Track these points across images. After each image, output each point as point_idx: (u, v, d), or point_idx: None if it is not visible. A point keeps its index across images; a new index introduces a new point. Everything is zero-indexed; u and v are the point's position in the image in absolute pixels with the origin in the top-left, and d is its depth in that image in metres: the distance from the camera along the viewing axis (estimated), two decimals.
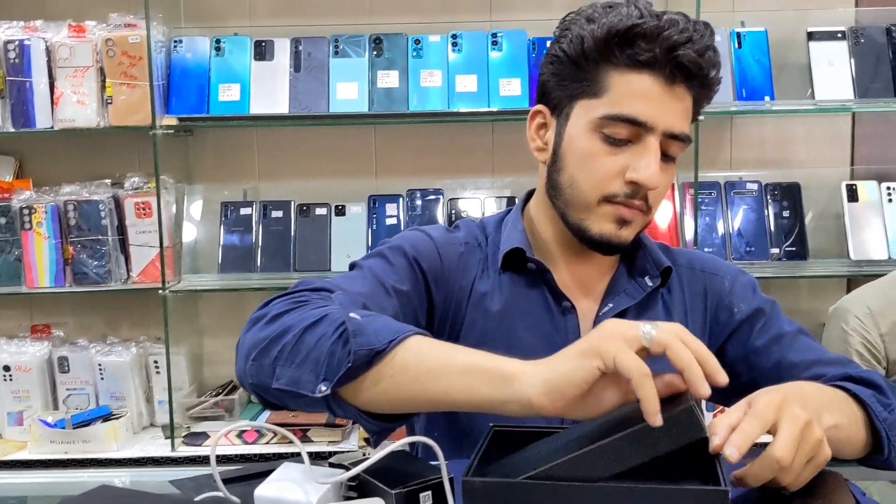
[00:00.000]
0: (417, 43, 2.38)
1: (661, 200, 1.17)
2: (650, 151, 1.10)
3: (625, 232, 1.15)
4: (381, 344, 0.91)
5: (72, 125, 2.31)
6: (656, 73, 1.09)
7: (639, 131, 1.11)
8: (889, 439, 1.06)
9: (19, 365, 2.37)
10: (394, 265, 1.16)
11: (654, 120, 1.10)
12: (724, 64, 2.34)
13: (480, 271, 1.23)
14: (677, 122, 1.11)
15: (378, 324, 0.94)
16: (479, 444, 0.94)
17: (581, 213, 1.15)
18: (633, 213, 1.14)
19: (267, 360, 0.95)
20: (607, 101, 1.11)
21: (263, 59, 2.38)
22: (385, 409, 0.95)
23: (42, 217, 2.35)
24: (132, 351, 2.42)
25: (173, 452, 2.27)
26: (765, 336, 1.23)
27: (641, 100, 1.10)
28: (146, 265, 2.37)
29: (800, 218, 2.43)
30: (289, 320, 0.97)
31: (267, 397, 0.99)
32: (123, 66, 2.28)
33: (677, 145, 1.13)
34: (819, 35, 2.41)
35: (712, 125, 2.48)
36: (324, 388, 0.91)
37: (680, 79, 1.10)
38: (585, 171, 1.13)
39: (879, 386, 1.10)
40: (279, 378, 0.94)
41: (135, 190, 2.39)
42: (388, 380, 0.91)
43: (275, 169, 2.58)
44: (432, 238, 1.22)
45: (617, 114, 1.10)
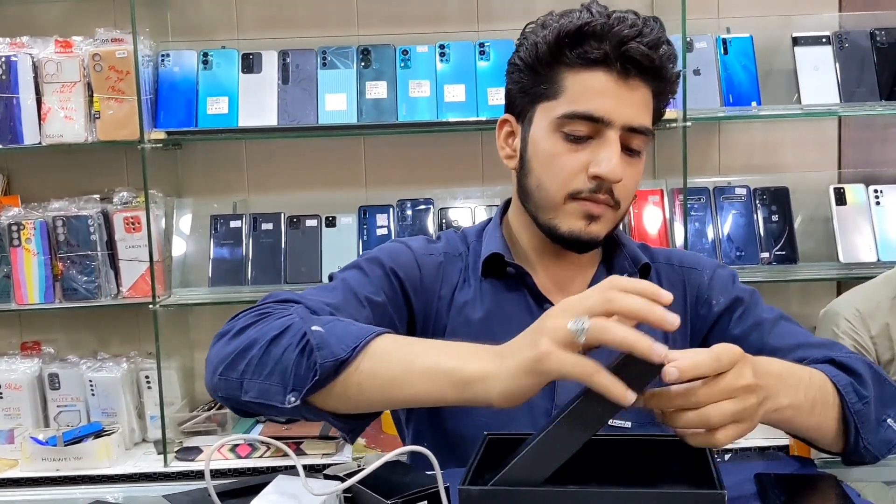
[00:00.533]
0: (405, 54, 2.38)
1: (630, 195, 1.19)
2: (610, 145, 1.12)
3: (594, 227, 1.16)
4: (345, 353, 0.93)
5: (60, 140, 2.30)
6: (609, 69, 1.12)
7: (597, 127, 1.13)
8: (858, 430, 1.04)
9: (9, 382, 2.35)
10: (370, 276, 1.18)
11: (611, 114, 1.12)
12: (710, 70, 2.39)
13: (462, 280, 1.25)
14: (635, 116, 1.13)
15: (339, 330, 0.97)
16: (475, 453, 0.94)
17: (550, 213, 1.18)
18: (600, 209, 1.15)
19: (234, 374, 0.98)
20: (564, 101, 1.14)
21: (251, 71, 2.38)
22: (354, 411, 0.99)
23: (31, 233, 2.34)
24: (123, 366, 2.40)
25: (166, 468, 2.26)
26: (743, 324, 1.23)
27: (597, 96, 1.12)
28: (136, 280, 2.36)
29: (789, 222, 2.44)
30: (253, 333, 0.99)
31: (238, 407, 1.02)
32: (111, 81, 2.27)
33: (639, 139, 1.15)
34: (804, 40, 2.42)
35: (700, 131, 2.49)
36: (293, 399, 0.94)
37: (634, 73, 1.13)
38: (550, 171, 1.16)
39: (859, 374, 1.08)
40: (248, 391, 0.97)
41: (124, 205, 2.38)
42: (355, 387, 0.94)
43: (264, 181, 2.57)
44: (411, 248, 1.24)
45: (574, 112, 1.13)
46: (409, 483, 0.93)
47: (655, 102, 1.17)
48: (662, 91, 1.17)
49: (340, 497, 0.95)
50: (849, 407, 1.04)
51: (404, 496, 0.90)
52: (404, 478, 0.95)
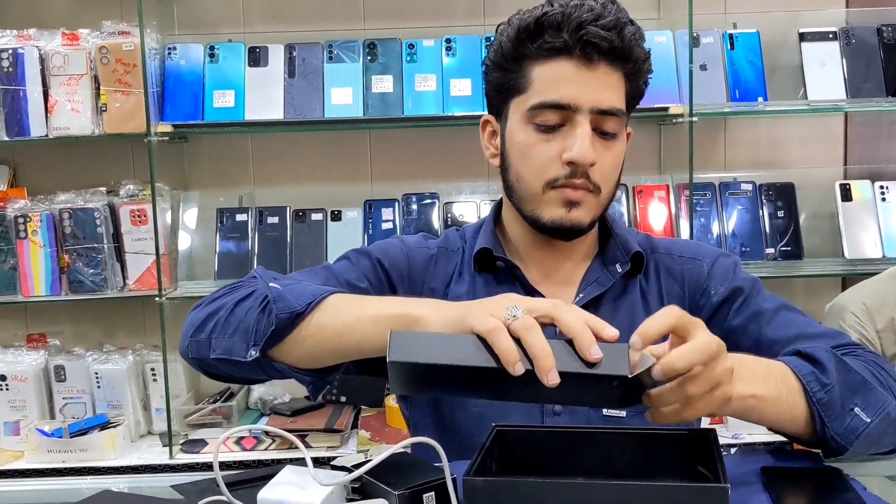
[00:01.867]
0: (411, 48, 2.38)
1: (610, 179, 1.19)
2: (579, 130, 1.14)
3: (576, 214, 1.17)
4: (301, 306, 1.01)
5: (66, 133, 2.30)
6: (572, 56, 1.14)
7: (567, 114, 1.15)
8: (823, 419, 1.02)
9: (15, 374, 2.36)
10: (355, 265, 1.24)
11: (577, 100, 1.14)
12: (716, 65, 2.39)
13: (457, 275, 1.28)
14: (603, 99, 1.15)
15: (298, 289, 1.04)
16: (482, 444, 0.94)
17: (531, 205, 1.20)
18: (578, 194, 1.16)
19: (203, 334, 1.08)
20: (533, 93, 1.17)
21: (258, 65, 2.38)
22: (313, 365, 1.05)
23: (37, 225, 2.34)
24: (129, 359, 2.41)
25: (171, 460, 2.26)
26: (742, 315, 1.22)
27: (562, 84, 1.14)
28: (142, 273, 2.37)
29: (794, 218, 2.44)
30: (221, 301, 1.09)
31: (207, 368, 1.11)
32: (118, 74, 2.28)
33: (612, 121, 1.16)
34: (811, 36, 2.42)
35: (706, 126, 2.49)
36: (253, 353, 1.02)
37: (597, 57, 1.14)
38: (526, 162, 1.19)
39: (821, 363, 1.05)
40: (215, 349, 1.06)
41: (130, 197, 2.38)
42: (310, 339, 1.02)
43: (270, 175, 2.58)
44: (404, 242, 1.30)
45: (541, 102, 1.15)
46: (416, 474, 0.93)
47: (629, 85, 1.18)
48: (633, 72, 1.18)
49: (348, 488, 0.95)
50: (811, 396, 1.02)
51: (411, 487, 0.90)
52: (411, 469, 0.95)
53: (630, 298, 1.25)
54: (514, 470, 0.98)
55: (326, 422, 2.31)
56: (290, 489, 0.90)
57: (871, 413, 1.03)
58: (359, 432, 2.31)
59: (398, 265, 1.26)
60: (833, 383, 1.03)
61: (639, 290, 1.26)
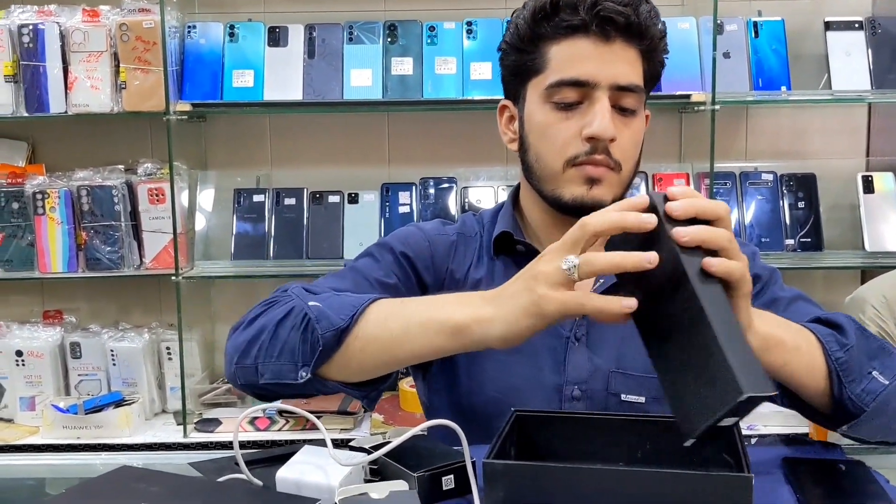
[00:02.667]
0: (432, 30, 2.37)
1: (630, 156, 1.18)
2: (599, 105, 1.13)
3: (597, 191, 1.16)
4: (344, 321, 0.99)
5: (85, 110, 2.30)
6: (588, 33, 1.13)
7: (585, 91, 1.14)
8: (840, 379, 1.02)
9: (32, 350, 2.37)
10: (380, 261, 1.23)
11: (596, 76, 1.13)
12: (740, 53, 2.36)
13: (476, 259, 1.27)
14: (621, 74, 1.14)
15: (337, 303, 1.02)
16: (501, 428, 0.93)
17: (552, 184, 1.18)
18: (599, 171, 1.15)
19: (249, 360, 1.05)
20: (550, 72, 1.16)
21: (277, 45, 2.37)
22: (365, 377, 1.03)
23: (55, 202, 2.35)
24: (144, 337, 2.42)
25: (185, 438, 2.27)
26: (758, 302, 1.20)
27: (580, 61, 1.14)
28: (159, 251, 2.37)
29: (815, 209, 2.42)
30: (261, 321, 1.06)
31: (258, 392, 1.08)
32: (137, 52, 2.27)
33: (630, 97, 1.15)
34: (836, 25, 2.39)
35: (727, 115, 2.47)
36: (304, 375, 1.00)
37: (614, 33, 1.13)
38: (546, 141, 1.18)
39: (841, 326, 1.06)
40: (263, 374, 1.04)
41: (148, 176, 2.38)
42: (359, 353, 0.99)
43: (288, 156, 2.57)
44: (423, 230, 1.29)
45: (559, 79, 1.15)
46: (435, 457, 0.93)
47: (646, 63, 1.18)
48: (650, 49, 1.18)
49: (366, 469, 0.95)
50: (830, 355, 1.02)
51: (430, 469, 0.90)
52: (430, 452, 0.95)
53: None
54: (532, 455, 0.97)
55: (340, 404, 2.31)
56: (308, 469, 0.90)
57: (889, 376, 1.03)
58: (372, 415, 2.31)
59: (422, 254, 1.25)
60: (852, 345, 1.03)
61: None
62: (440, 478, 0.90)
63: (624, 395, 1.19)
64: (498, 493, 0.85)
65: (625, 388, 1.19)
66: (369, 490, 0.83)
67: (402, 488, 0.85)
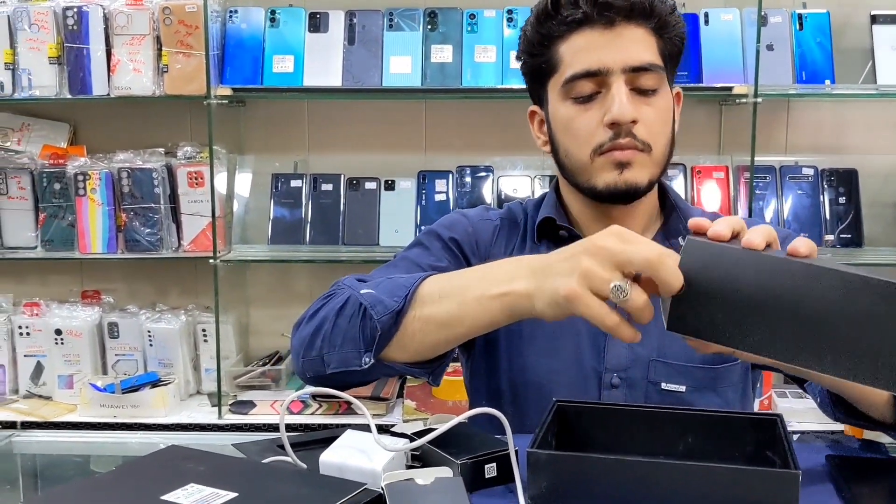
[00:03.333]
0: (472, 17, 2.36)
1: (659, 135, 1.18)
2: (615, 89, 1.14)
3: (629, 175, 1.16)
4: (398, 304, 1.00)
5: (128, 93, 2.32)
6: (592, 24, 1.15)
7: (600, 80, 1.16)
8: None
9: (70, 329, 2.40)
10: (430, 249, 1.25)
11: (607, 64, 1.14)
12: (784, 46, 2.33)
13: (519, 243, 1.30)
14: (632, 56, 1.15)
15: (389, 286, 1.03)
16: (544, 418, 0.94)
17: (584, 176, 1.20)
18: (627, 154, 1.16)
19: (314, 352, 1.08)
20: (564, 69, 1.18)
21: (318, 31, 2.38)
22: (427, 356, 1.04)
23: (96, 184, 2.38)
24: (181, 319, 2.45)
25: (220, 420, 2.30)
26: None
27: (589, 52, 1.15)
28: (197, 234, 2.39)
29: (855, 204, 2.39)
30: (321, 314, 1.09)
31: (326, 383, 1.09)
32: (180, 35, 2.29)
33: (648, 76, 1.16)
34: (883, 18, 2.35)
35: (768, 108, 2.44)
36: (368, 360, 1.02)
37: (618, 18, 1.15)
38: (571, 136, 1.19)
39: None
40: (329, 364, 1.06)
41: (188, 159, 2.40)
42: (418, 333, 1.00)
43: (325, 141, 2.58)
44: (467, 216, 1.32)
45: (573, 74, 1.17)
46: (477, 444, 0.93)
47: (661, 41, 1.18)
48: (661, 26, 1.18)
49: (408, 455, 0.95)
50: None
51: (473, 457, 0.90)
52: (472, 439, 0.95)
53: None
54: (572, 445, 0.97)
55: (373, 390, 2.32)
56: (352, 453, 0.91)
57: None
58: (404, 402, 2.32)
59: (468, 239, 1.28)
60: None
61: None
62: (483, 465, 0.91)
63: (664, 383, 1.19)
64: (541, 483, 0.85)
65: (665, 376, 1.19)
66: (414, 476, 0.84)
67: (447, 475, 0.86)
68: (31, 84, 2.34)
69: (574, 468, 0.85)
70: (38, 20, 2.33)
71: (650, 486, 0.83)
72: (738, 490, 0.81)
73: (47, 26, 2.33)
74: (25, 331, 2.44)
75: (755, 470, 0.81)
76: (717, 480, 0.82)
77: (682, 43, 1.22)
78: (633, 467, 0.84)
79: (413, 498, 0.80)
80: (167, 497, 0.79)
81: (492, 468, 0.91)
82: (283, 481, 0.86)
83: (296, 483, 0.86)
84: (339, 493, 0.81)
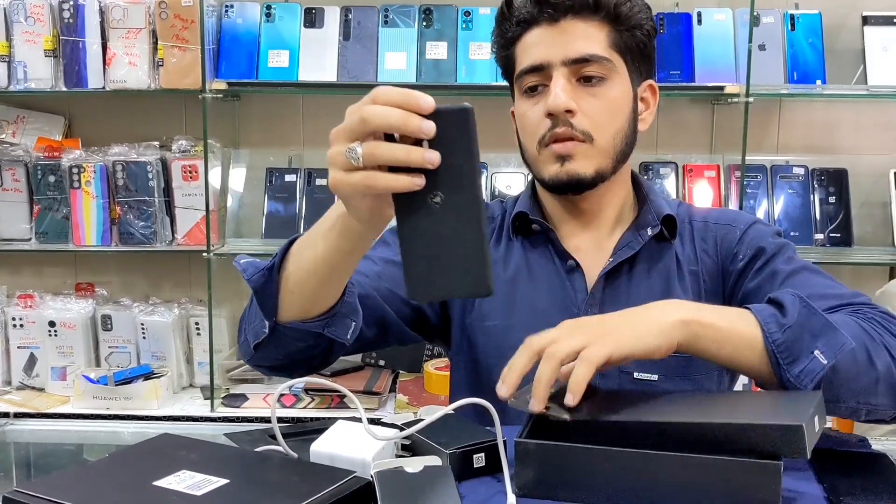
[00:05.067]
0: (467, 15, 2.37)
1: (603, 125, 1.19)
2: (553, 82, 1.18)
3: (570, 166, 1.19)
4: (270, 262, 1.03)
5: (123, 86, 2.33)
6: (540, 22, 1.20)
7: (544, 74, 1.20)
8: (779, 361, 0.98)
9: (64, 321, 2.41)
10: (391, 244, 1.27)
11: (547, 57, 1.19)
12: (776, 46, 2.35)
13: (496, 240, 1.32)
14: (572, 49, 1.18)
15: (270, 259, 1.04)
16: None
17: (535, 168, 1.24)
18: (567, 146, 1.18)
19: (242, 336, 1.14)
20: (517, 65, 1.23)
21: (313, 26, 2.39)
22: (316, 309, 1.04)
23: (91, 176, 2.38)
24: (174, 312, 2.46)
25: (212, 412, 2.31)
26: (759, 276, 1.21)
27: (534, 48, 1.21)
28: (191, 228, 2.40)
29: (846, 204, 2.41)
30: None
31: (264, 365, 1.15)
32: (175, 29, 2.30)
33: (592, 66, 1.19)
34: (874, 20, 2.37)
35: (760, 108, 2.45)
36: (268, 324, 1.04)
37: (561, 15, 1.19)
38: (523, 129, 1.24)
39: (783, 305, 1.01)
40: (249, 340, 1.10)
41: (182, 153, 2.41)
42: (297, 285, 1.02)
43: (320, 137, 2.59)
44: None
45: (521, 70, 1.22)
46: (466, 435, 0.95)
47: (615, 33, 1.20)
48: (613, 19, 1.20)
49: (398, 445, 0.97)
50: (767, 336, 0.99)
51: (462, 447, 0.92)
52: (461, 430, 0.97)
53: (664, 263, 1.26)
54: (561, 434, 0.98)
55: (366, 384, 2.34)
56: (342, 443, 0.92)
57: (830, 356, 0.98)
58: (397, 396, 2.34)
59: None
60: (790, 324, 0.99)
61: (674, 255, 1.27)
62: (471, 455, 0.92)
63: (637, 372, 1.21)
64: (529, 472, 0.87)
65: (637, 365, 1.21)
66: (404, 464, 0.85)
67: (436, 463, 0.87)
68: (27, 77, 2.35)
69: (561, 458, 0.87)
70: (33, 13, 2.34)
71: (636, 475, 0.85)
72: (722, 480, 0.82)
73: (43, 19, 2.34)
74: (19, 322, 2.45)
75: (739, 461, 0.83)
76: (701, 471, 0.83)
77: (646, 35, 1.24)
78: (619, 457, 0.85)
79: (402, 485, 0.81)
80: (159, 483, 0.81)
81: (480, 458, 0.93)
82: (273, 469, 0.87)
83: (286, 471, 0.87)
84: (328, 480, 0.82)
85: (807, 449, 0.81)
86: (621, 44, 1.21)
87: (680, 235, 1.28)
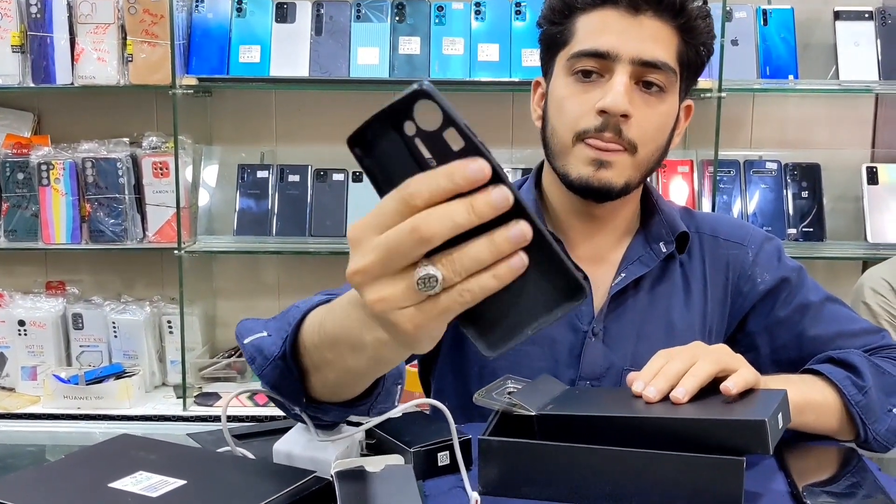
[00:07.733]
0: (440, 10, 2.36)
1: (649, 138, 1.12)
2: (617, 78, 1.09)
3: (605, 174, 1.11)
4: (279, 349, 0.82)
5: (92, 82, 2.30)
6: (617, 5, 1.10)
7: (606, 64, 1.10)
8: (864, 421, 1.06)
9: (34, 320, 2.38)
10: None
11: (617, 49, 1.09)
12: (748, 41, 2.35)
13: None
14: (646, 49, 1.09)
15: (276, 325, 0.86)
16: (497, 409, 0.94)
17: (562, 159, 1.14)
18: (609, 154, 1.10)
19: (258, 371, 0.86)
20: (575, 43, 1.13)
21: (285, 21, 2.37)
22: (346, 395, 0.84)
23: (60, 173, 2.35)
24: (146, 310, 2.43)
25: (185, 411, 2.29)
26: (788, 306, 1.21)
27: (604, 32, 1.10)
28: (162, 225, 2.37)
29: (818, 199, 2.42)
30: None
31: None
32: (145, 24, 2.27)
33: (657, 74, 1.10)
34: (846, 15, 2.38)
35: (734, 103, 2.46)
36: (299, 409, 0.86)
37: (644, 7, 1.09)
38: (561, 114, 1.14)
39: (854, 366, 1.08)
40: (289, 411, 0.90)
41: (153, 149, 2.38)
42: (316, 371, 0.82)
43: (293, 132, 2.57)
44: None
45: (581, 49, 1.11)
46: (431, 433, 0.94)
47: (683, 45, 1.12)
48: (686, 29, 1.11)
49: (363, 444, 0.96)
50: (849, 400, 1.06)
51: (426, 445, 0.91)
52: (427, 429, 0.96)
53: (671, 280, 1.22)
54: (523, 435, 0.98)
55: None
56: (304, 443, 0.91)
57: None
58: None
59: None
60: (869, 386, 1.06)
61: (679, 270, 1.23)
62: (436, 454, 0.91)
63: None
64: (492, 470, 0.86)
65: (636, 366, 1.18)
66: (365, 464, 0.84)
67: (398, 462, 0.86)
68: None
69: (524, 455, 0.86)
70: (1, 8, 2.30)
71: (600, 472, 0.84)
72: (685, 476, 0.82)
73: (10, 14, 2.30)
74: None
75: (701, 457, 0.82)
76: (664, 466, 0.83)
77: (706, 55, 1.16)
78: (582, 454, 0.85)
79: (362, 485, 0.80)
80: (115, 485, 0.79)
81: (445, 456, 0.92)
82: (233, 469, 0.86)
83: (246, 471, 0.86)
84: (288, 480, 0.81)
85: (769, 444, 0.81)
86: (685, 57, 1.13)
87: (688, 249, 1.24)
